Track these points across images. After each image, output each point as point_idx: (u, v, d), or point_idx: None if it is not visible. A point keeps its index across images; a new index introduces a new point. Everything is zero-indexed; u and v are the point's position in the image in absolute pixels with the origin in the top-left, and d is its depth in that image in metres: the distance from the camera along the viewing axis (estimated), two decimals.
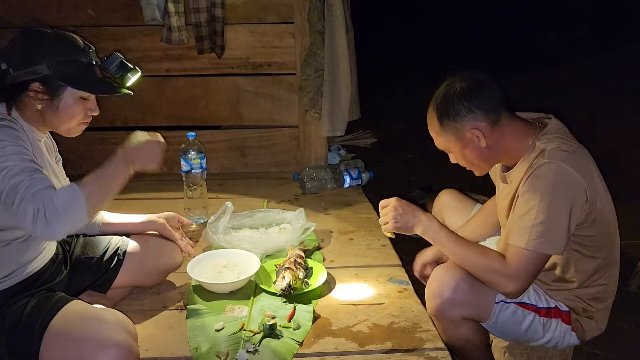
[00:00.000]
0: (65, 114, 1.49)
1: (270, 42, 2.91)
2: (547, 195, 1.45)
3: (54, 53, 1.44)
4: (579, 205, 1.48)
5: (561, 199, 1.46)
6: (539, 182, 1.46)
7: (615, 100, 4.51)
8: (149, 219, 1.87)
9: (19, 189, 1.29)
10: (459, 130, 1.55)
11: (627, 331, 2.28)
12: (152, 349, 1.52)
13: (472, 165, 1.64)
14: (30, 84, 1.43)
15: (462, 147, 1.58)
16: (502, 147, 1.57)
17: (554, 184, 1.45)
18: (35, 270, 1.50)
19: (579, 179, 1.46)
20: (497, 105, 1.55)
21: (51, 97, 1.46)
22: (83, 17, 2.85)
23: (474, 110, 1.53)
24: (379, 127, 4.45)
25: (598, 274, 1.60)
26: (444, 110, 1.56)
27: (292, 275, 1.76)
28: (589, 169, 1.53)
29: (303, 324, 1.62)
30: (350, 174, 2.82)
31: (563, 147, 1.50)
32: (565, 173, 1.45)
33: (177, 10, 2.69)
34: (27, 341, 1.33)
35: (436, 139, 1.63)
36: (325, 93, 2.83)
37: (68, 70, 1.45)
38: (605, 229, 1.59)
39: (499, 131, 1.56)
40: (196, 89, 3.00)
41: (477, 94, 1.54)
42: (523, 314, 1.60)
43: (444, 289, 1.55)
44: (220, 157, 3.07)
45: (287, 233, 2.11)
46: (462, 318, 1.57)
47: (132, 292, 1.83)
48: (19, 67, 1.42)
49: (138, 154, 1.49)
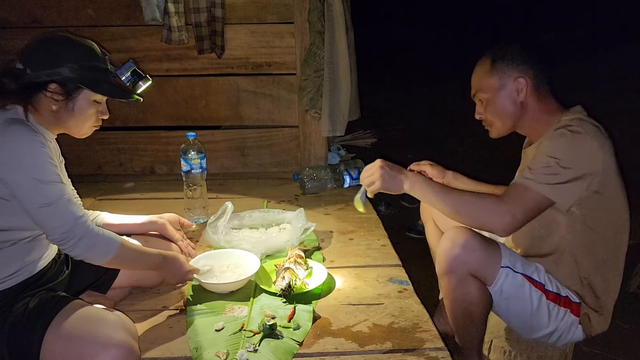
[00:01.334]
0: (79, 116, 1.54)
1: (270, 42, 2.92)
2: (564, 152, 1.51)
3: (77, 57, 1.50)
4: (592, 171, 1.52)
5: (577, 160, 1.52)
6: (560, 140, 1.54)
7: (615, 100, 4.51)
8: (149, 219, 1.88)
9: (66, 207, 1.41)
10: (506, 74, 1.65)
11: (627, 331, 2.29)
12: (152, 349, 1.52)
13: (496, 118, 1.69)
14: (48, 85, 1.47)
15: (499, 92, 1.66)
16: (531, 112, 1.66)
17: (574, 146, 1.52)
18: (38, 269, 1.51)
19: (597, 148, 1.52)
20: (546, 77, 1.67)
21: (67, 99, 1.50)
22: (83, 17, 2.86)
23: (529, 65, 1.65)
24: (379, 127, 4.46)
25: (607, 263, 1.61)
26: (502, 54, 1.67)
27: (292, 275, 1.76)
28: (607, 147, 1.57)
29: (303, 324, 1.62)
30: (350, 174, 2.82)
31: (586, 119, 1.59)
32: (584, 137, 1.52)
33: (177, 10, 2.70)
34: (28, 340, 1.34)
35: (478, 83, 1.70)
36: (325, 93, 2.83)
37: (87, 74, 1.51)
38: (613, 211, 1.61)
39: (537, 96, 1.66)
40: (196, 89, 3.00)
41: (535, 57, 1.67)
42: (530, 290, 1.60)
43: (455, 245, 1.58)
44: (220, 157, 3.08)
45: (287, 233, 2.11)
46: (469, 274, 1.58)
47: (132, 292, 1.83)
48: (41, 68, 1.46)
49: (171, 272, 1.71)
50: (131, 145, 3.10)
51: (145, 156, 3.11)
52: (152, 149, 3.10)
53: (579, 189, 1.53)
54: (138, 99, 1.65)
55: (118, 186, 2.91)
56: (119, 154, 3.08)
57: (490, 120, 1.72)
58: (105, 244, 1.47)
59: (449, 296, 1.63)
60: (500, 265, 1.58)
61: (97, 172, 3.10)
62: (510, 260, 1.60)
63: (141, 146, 3.09)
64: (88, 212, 1.83)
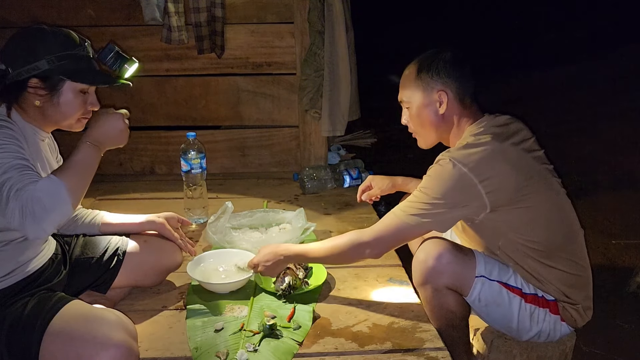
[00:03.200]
0: (66, 109, 1.50)
1: (270, 42, 2.91)
2: (436, 192, 1.54)
3: (53, 48, 1.45)
4: (468, 203, 1.54)
5: (449, 194, 1.54)
6: (434, 179, 1.56)
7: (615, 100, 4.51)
8: (148, 219, 1.87)
9: (5, 187, 1.29)
10: (430, 86, 1.67)
11: (627, 331, 2.29)
12: (152, 349, 1.52)
13: (421, 129, 1.73)
14: (29, 81, 1.44)
15: (423, 104, 1.68)
16: (451, 123, 1.68)
17: (447, 184, 1.54)
18: (34, 269, 1.50)
19: (471, 178, 1.51)
20: (470, 86, 1.68)
21: (50, 92, 1.46)
22: (83, 17, 2.85)
23: (452, 77, 1.66)
24: (379, 127, 4.46)
25: (557, 259, 1.61)
26: (427, 64, 1.68)
27: (292, 275, 1.76)
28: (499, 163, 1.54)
29: (303, 324, 1.61)
30: (350, 174, 2.82)
31: (475, 142, 1.56)
32: (457, 174, 1.52)
33: (177, 10, 2.70)
34: (27, 341, 1.33)
35: (403, 90, 1.73)
36: (325, 93, 2.83)
37: (67, 65, 1.46)
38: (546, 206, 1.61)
39: (458, 108, 1.67)
40: (196, 89, 3.00)
41: (461, 67, 1.68)
42: (508, 296, 1.61)
43: (429, 258, 1.60)
44: (220, 157, 3.08)
45: (287, 233, 2.11)
46: (445, 287, 1.61)
47: (132, 292, 1.83)
48: (19, 65, 1.43)
49: (104, 133, 1.52)
50: (131, 145, 3.04)
51: (145, 156, 3.11)
52: (152, 149, 3.10)
53: (457, 219, 1.59)
54: (127, 83, 1.59)
55: (118, 186, 2.91)
56: (118, 154, 3.08)
57: (414, 129, 1.76)
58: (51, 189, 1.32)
59: (427, 306, 1.67)
60: (475, 275, 1.60)
61: (96, 172, 3.08)
62: (486, 268, 1.61)
63: (141, 146, 3.09)
64: (86, 211, 1.83)
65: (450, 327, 1.65)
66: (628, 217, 3.13)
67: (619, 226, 3.05)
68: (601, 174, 3.65)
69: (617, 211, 3.23)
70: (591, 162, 3.74)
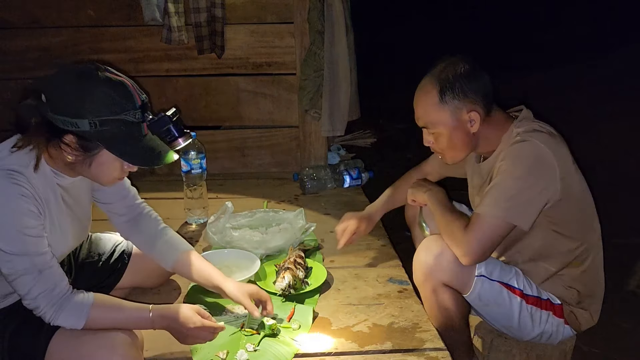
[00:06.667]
0: (98, 172, 1.37)
1: (270, 42, 2.91)
2: (521, 171, 1.50)
3: (101, 109, 1.27)
4: (552, 182, 1.51)
5: (535, 175, 1.51)
6: (515, 159, 1.52)
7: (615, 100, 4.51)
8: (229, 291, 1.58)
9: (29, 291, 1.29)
10: (457, 108, 1.57)
11: (627, 331, 2.29)
12: (152, 349, 1.52)
13: (451, 150, 1.64)
14: (65, 135, 1.29)
15: (453, 127, 1.58)
16: (485, 135, 1.61)
17: (529, 161, 1.51)
18: None
19: (552, 158, 1.51)
20: (491, 94, 1.60)
21: (85, 154, 1.32)
22: (83, 17, 2.85)
23: (477, 93, 1.57)
24: (379, 127, 4.46)
25: (579, 258, 1.62)
26: (449, 85, 1.56)
27: (292, 275, 1.76)
28: (561, 150, 1.56)
29: (303, 324, 1.62)
30: (350, 174, 2.82)
31: (537, 128, 1.56)
32: (540, 151, 1.50)
33: (177, 10, 2.69)
34: (33, 348, 1.34)
35: (427, 116, 1.61)
36: (325, 93, 2.83)
37: (110, 131, 1.28)
38: (580, 210, 1.62)
39: (488, 120, 1.60)
40: (196, 89, 3.00)
41: (481, 77, 1.59)
42: (509, 297, 1.60)
43: (429, 256, 1.60)
44: (220, 157, 3.07)
45: (287, 233, 2.11)
46: (445, 285, 1.60)
47: (133, 292, 1.82)
48: (60, 112, 1.27)
49: (177, 331, 1.41)
50: None
51: None
52: None
53: (540, 205, 1.53)
54: (170, 160, 1.43)
55: None
56: None
57: (440, 150, 1.66)
58: (72, 311, 1.31)
59: (426, 304, 1.67)
60: (475, 274, 1.59)
61: None
62: (487, 268, 1.59)
63: None
64: None
65: (450, 326, 1.65)
66: (628, 217, 3.13)
67: (619, 226, 3.05)
68: (601, 174, 3.65)
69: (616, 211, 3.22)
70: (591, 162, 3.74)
